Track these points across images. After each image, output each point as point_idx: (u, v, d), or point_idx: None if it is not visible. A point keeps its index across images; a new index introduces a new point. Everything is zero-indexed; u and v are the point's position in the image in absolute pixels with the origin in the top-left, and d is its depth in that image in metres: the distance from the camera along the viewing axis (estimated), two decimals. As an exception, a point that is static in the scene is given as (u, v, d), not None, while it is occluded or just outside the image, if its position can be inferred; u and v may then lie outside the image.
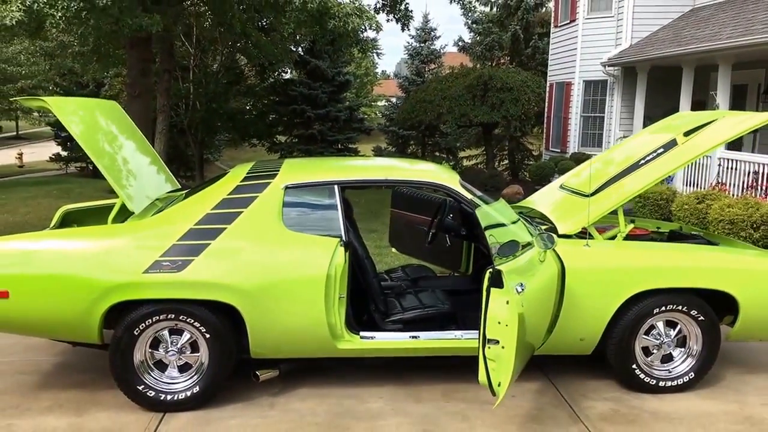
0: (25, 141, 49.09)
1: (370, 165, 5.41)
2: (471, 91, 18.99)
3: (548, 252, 4.31)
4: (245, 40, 15.88)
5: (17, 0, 7.28)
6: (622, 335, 4.52)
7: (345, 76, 26.29)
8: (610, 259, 4.52)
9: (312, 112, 25.49)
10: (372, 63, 65.78)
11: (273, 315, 4.25)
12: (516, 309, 3.39)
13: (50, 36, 16.32)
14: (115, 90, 26.54)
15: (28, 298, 4.14)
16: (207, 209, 4.34)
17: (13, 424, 4.15)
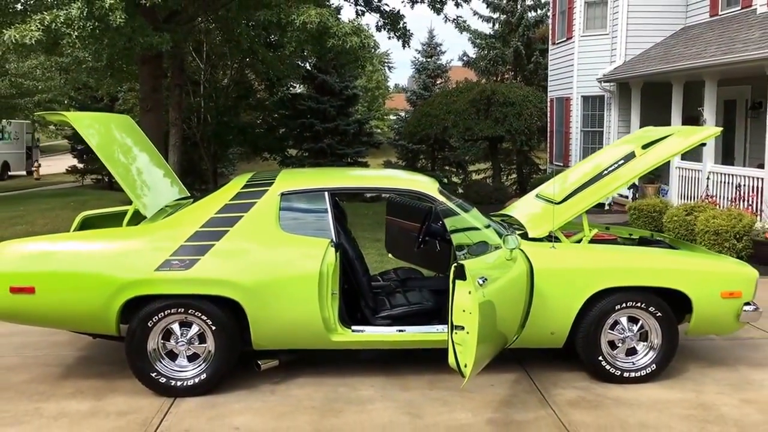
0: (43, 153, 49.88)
1: (358, 175, 5.91)
2: (475, 106, 19.50)
3: (518, 253, 4.79)
4: (252, 56, 16.47)
5: (36, 20, 7.87)
6: (589, 329, 4.98)
7: (352, 90, 26.84)
8: (574, 260, 5.00)
9: (321, 125, 26.03)
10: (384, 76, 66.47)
11: (272, 309, 4.75)
12: (477, 298, 3.87)
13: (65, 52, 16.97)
14: (128, 104, 27.22)
15: (51, 293, 4.66)
16: (211, 213, 4.86)
17: (41, 408, 4.65)
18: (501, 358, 5.37)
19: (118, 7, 7.82)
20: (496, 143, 21.49)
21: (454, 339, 3.98)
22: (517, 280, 4.66)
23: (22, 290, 4.64)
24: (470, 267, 3.96)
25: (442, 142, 27.32)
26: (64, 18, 7.88)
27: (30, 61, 21.53)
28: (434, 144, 27.78)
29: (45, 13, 8.04)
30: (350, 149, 26.80)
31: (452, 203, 5.05)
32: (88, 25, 7.89)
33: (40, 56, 21.15)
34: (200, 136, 27.68)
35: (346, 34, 9.23)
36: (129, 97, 26.92)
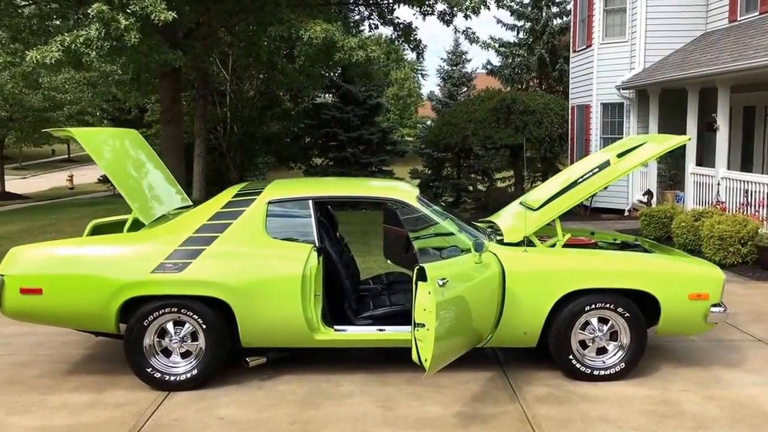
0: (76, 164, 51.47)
1: (342, 184, 6.25)
2: (495, 114, 19.72)
3: (489, 256, 5.08)
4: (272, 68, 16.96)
5: (57, 42, 8.41)
6: (560, 329, 5.23)
7: (376, 99, 27.25)
8: (545, 263, 5.26)
9: (344, 135, 26.47)
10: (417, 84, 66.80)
11: (258, 309, 5.10)
12: (436, 298, 4.16)
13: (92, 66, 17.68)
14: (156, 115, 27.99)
15: (57, 294, 5.08)
16: (203, 221, 5.24)
17: (45, 399, 5.06)
18: (480, 358, 5.67)
19: (133, 27, 8.31)
20: (517, 151, 21.65)
21: (416, 335, 4.28)
22: (487, 281, 4.93)
23: (30, 291, 5.07)
24: (431, 270, 4.25)
25: (468, 150, 27.58)
26: (84, 39, 8.40)
27: (62, 75, 22.33)
28: (460, 152, 28.04)
29: (66, 34, 8.57)
30: (374, 158, 27.17)
31: (428, 210, 5.36)
32: (105, 45, 8.39)
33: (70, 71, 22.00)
34: (226, 146, 28.35)
35: (352, 48, 9.60)
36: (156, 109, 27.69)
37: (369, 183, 6.15)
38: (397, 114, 63.52)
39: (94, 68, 18.26)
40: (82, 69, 14.38)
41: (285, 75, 16.91)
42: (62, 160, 57.39)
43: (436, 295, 4.16)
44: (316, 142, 28.58)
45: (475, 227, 5.82)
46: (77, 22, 8.75)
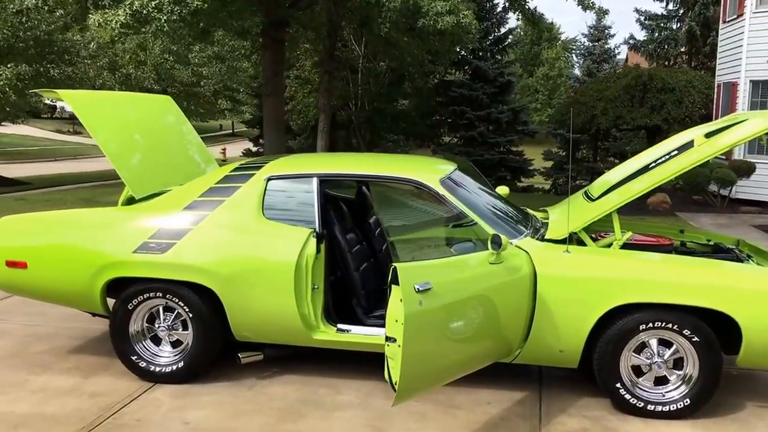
0: (238, 138, 53.97)
1: (353, 161, 5.43)
2: (629, 92, 18.04)
3: (520, 255, 4.15)
4: (386, 42, 16.29)
5: (126, 5, 8.22)
6: (605, 350, 4.20)
7: (508, 77, 25.96)
8: (590, 267, 4.21)
9: (472, 113, 25.46)
10: (569, 63, 63.89)
11: (247, 300, 4.48)
12: (409, 307, 3.32)
13: (218, 40, 17.86)
14: (291, 91, 28.25)
15: (41, 269, 4.73)
16: (194, 196, 4.67)
17: (29, 381, 4.74)
18: (519, 372, 4.75)
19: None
20: (654, 133, 19.71)
21: (386, 352, 3.47)
22: (508, 286, 4.01)
23: (15, 264, 4.75)
24: (406, 271, 3.41)
25: (606, 131, 25.68)
26: (155, 4, 8.17)
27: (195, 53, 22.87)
28: (597, 133, 26.20)
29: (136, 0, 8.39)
30: (503, 138, 25.97)
31: (452, 195, 4.46)
32: (176, 10, 8.12)
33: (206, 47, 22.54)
34: (356, 123, 28.21)
35: (438, 13, 8.70)
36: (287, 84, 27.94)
37: (390, 160, 5.32)
38: (545, 94, 61.17)
39: (220, 41, 18.50)
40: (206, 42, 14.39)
41: (398, 48, 16.17)
42: (227, 134, 60.60)
43: (409, 305, 3.32)
44: (444, 120, 27.79)
45: (522, 218, 4.87)
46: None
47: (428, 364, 3.54)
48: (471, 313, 3.77)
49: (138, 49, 17.43)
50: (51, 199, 15.48)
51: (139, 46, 15.38)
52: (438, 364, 3.63)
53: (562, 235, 4.37)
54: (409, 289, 3.36)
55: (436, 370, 3.63)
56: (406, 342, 3.30)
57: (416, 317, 3.36)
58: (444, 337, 3.60)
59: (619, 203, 4.38)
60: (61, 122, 51.36)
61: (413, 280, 3.42)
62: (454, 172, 4.88)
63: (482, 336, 3.90)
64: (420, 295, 3.41)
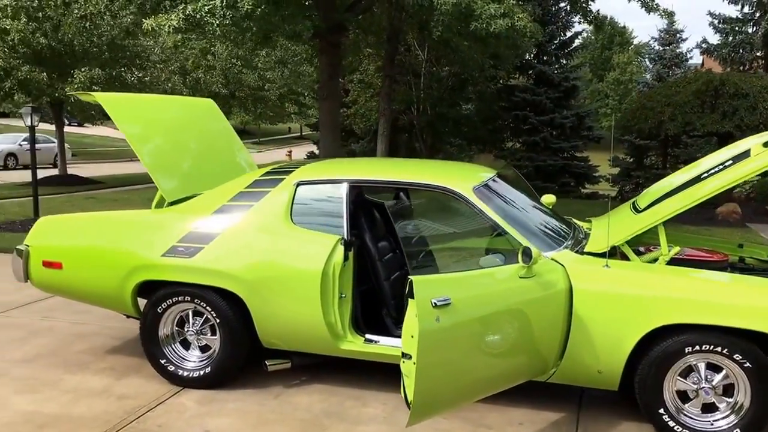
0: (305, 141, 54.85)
1: (385, 166, 5.25)
2: (699, 97, 17.29)
3: (556, 268, 3.93)
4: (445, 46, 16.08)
5: (180, 10, 8.32)
6: (647, 373, 3.92)
7: (573, 81, 25.36)
8: (632, 284, 3.95)
9: (535, 118, 24.99)
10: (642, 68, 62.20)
11: (273, 307, 4.39)
12: (425, 323, 3.14)
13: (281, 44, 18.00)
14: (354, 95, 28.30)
15: (75, 270, 4.77)
16: (224, 201, 4.61)
17: (63, 380, 4.77)
18: (559, 391, 4.50)
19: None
20: (726, 140, 18.84)
21: (402, 369, 3.30)
22: (537, 302, 3.78)
23: (52, 265, 4.79)
24: (422, 284, 3.24)
25: (675, 138, 24.79)
26: (209, 8, 8.25)
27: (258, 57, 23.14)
28: (666, 140, 25.32)
29: (188, 3, 8.48)
30: (566, 143, 25.39)
31: (486, 204, 4.26)
32: (228, 14, 8.17)
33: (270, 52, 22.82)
34: (418, 127, 28.06)
35: (491, 16, 8.46)
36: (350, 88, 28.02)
37: (424, 166, 5.14)
38: (616, 99, 59.75)
39: (280, 45, 18.63)
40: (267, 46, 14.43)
41: (458, 53, 15.93)
42: (296, 137, 61.67)
43: (424, 321, 3.15)
44: (507, 125, 27.37)
45: (564, 229, 4.63)
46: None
47: (445, 383, 3.36)
48: (496, 331, 3.57)
49: (201, 53, 17.74)
50: (119, 198, 15.93)
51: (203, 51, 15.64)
52: (457, 383, 3.44)
53: (602, 248, 4.12)
54: (425, 304, 3.19)
55: (454, 390, 3.45)
56: (420, 360, 3.14)
57: (432, 334, 3.19)
58: (464, 355, 3.41)
59: (665, 216, 4.10)
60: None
61: (430, 294, 3.24)
62: (491, 179, 4.68)
63: (509, 354, 3.70)
64: (437, 310, 3.24)
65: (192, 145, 5.40)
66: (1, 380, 4.72)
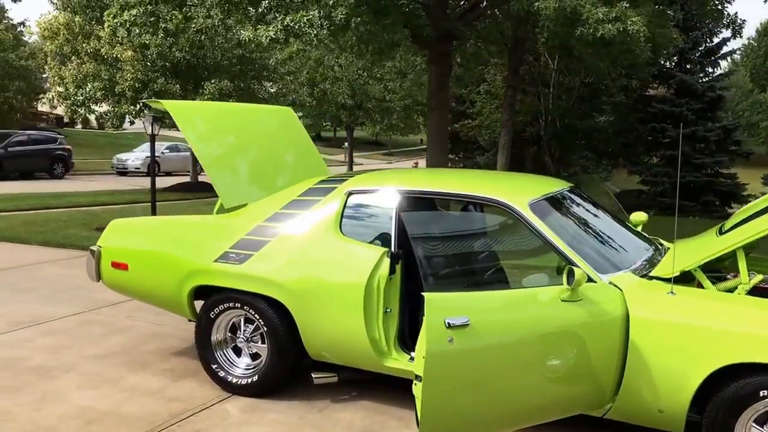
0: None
1: (440, 177, 4.95)
2: None
3: (612, 293, 3.55)
4: (568, 54, 15.45)
5: (279, 21, 8.47)
6: (714, 418, 3.44)
7: (719, 91, 23.69)
8: (698, 314, 3.47)
9: (674, 131, 23.55)
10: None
11: (318, 318, 4.28)
12: (434, 344, 2.89)
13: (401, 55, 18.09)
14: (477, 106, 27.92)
15: (139, 272, 4.90)
16: (276, 208, 4.56)
17: (124, 378, 4.90)
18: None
19: (342, 3, 7.98)
20: None
21: (414, 391, 3.07)
22: (582, 328, 3.41)
23: (119, 266, 4.95)
24: (435, 302, 2.99)
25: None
26: (307, 19, 8.35)
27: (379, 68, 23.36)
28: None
29: (287, 15, 8.62)
30: (709, 159, 23.72)
31: (543, 221, 3.92)
32: (325, 24, 8.24)
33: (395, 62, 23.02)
34: (546, 139, 27.32)
35: (599, 21, 7.94)
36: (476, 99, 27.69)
37: (482, 178, 4.82)
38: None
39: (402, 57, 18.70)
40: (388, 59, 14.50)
41: (582, 61, 15.25)
42: (425, 148, 62.28)
43: (434, 341, 2.90)
44: (642, 138, 25.98)
45: (640, 251, 4.20)
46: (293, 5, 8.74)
47: (457, 411, 3.08)
48: (526, 359, 3.24)
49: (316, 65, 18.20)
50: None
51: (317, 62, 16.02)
52: (473, 413, 3.15)
53: (669, 273, 3.67)
54: (437, 323, 2.95)
55: (469, 420, 3.16)
56: (426, 383, 2.89)
57: (442, 357, 2.94)
58: (483, 383, 3.12)
59: (744, 239, 3.59)
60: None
61: (445, 313, 2.99)
62: (557, 194, 4.33)
63: (542, 385, 3.35)
64: (452, 331, 2.98)
65: (258, 151, 5.41)
66: (69, 375, 4.91)
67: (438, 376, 2.96)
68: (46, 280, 7.58)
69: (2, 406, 4.34)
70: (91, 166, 30.08)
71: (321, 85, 25.46)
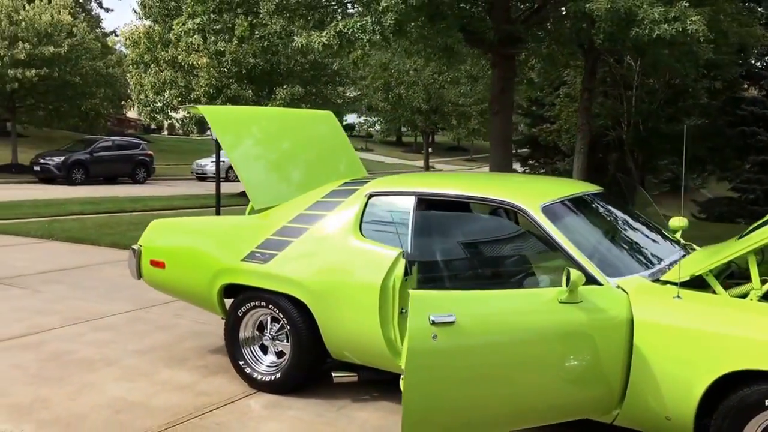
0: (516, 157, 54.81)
1: (456, 180, 4.91)
2: None
3: (616, 296, 3.49)
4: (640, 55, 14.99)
5: (333, 28, 8.64)
6: (720, 427, 3.32)
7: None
8: (704, 319, 3.36)
9: (765, 135, 22.43)
10: None
11: (336, 318, 4.37)
12: (416, 341, 2.92)
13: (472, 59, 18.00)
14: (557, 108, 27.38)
15: (175, 270, 5.13)
16: (301, 209, 4.70)
17: (158, 372, 5.13)
18: None
19: (392, 9, 8.06)
20: None
21: (401, 386, 3.10)
22: (580, 330, 3.36)
23: (157, 264, 5.20)
24: (420, 300, 3.02)
25: None
26: (359, 25, 8.49)
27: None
28: None
29: (340, 22, 8.79)
30: (803, 167, 22.43)
31: (555, 224, 3.87)
32: (377, 29, 8.36)
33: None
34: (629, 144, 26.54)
35: (654, 21, 7.68)
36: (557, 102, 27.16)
37: (499, 180, 4.76)
38: None
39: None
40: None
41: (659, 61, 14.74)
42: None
43: (416, 338, 2.94)
44: (731, 142, 24.85)
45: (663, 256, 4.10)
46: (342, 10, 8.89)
47: (441, 409, 3.09)
48: (519, 359, 3.22)
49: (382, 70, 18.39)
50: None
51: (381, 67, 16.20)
52: (458, 411, 3.15)
53: (676, 277, 3.57)
54: (421, 320, 2.98)
55: (454, 419, 3.16)
56: (408, 379, 2.93)
57: (424, 353, 2.96)
58: (468, 382, 3.12)
59: (755, 244, 3.45)
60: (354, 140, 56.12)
61: (430, 310, 3.02)
62: (574, 197, 4.28)
63: (535, 388, 3.31)
64: (436, 328, 3.00)
65: (293, 154, 5.56)
66: (110, 368, 5.19)
67: (420, 372, 2.99)
68: (106, 279, 8.00)
69: (43, 394, 4.64)
70: (173, 171, 31.35)
71: (396, 89, 25.63)
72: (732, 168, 24.94)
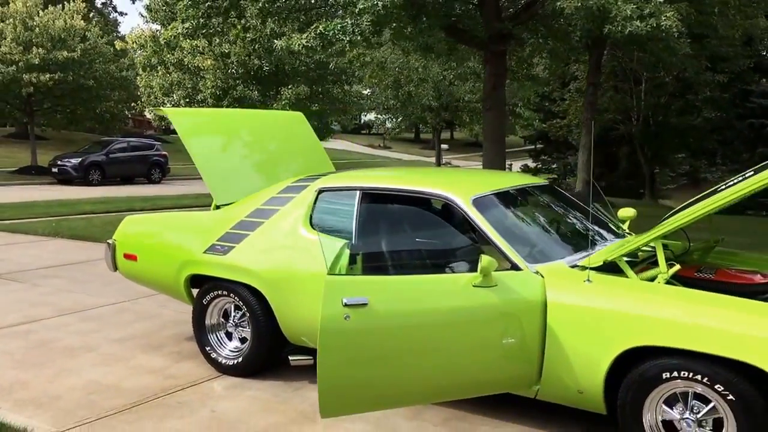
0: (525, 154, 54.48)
1: (395, 175, 5.19)
2: None
3: (533, 279, 3.77)
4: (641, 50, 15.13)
5: (314, 30, 8.93)
6: (625, 399, 3.59)
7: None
8: (608, 299, 3.62)
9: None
10: None
11: (289, 305, 4.69)
12: (328, 320, 3.22)
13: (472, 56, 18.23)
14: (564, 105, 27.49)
15: (146, 263, 5.48)
16: (258, 204, 5.02)
17: (135, 357, 5.49)
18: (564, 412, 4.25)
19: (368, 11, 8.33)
20: None
21: (317, 360, 3.41)
22: (492, 312, 3.63)
23: (129, 257, 5.56)
24: (337, 283, 3.32)
25: None
26: (340, 27, 8.79)
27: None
28: None
29: (321, 24, 9.09)
30: (812, 155, 22.36)
31: (484, 216, 4.14)
32: (356, 30, 8.65)
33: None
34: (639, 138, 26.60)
35: (626, 18, 7.86)
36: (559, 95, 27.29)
37: (436, 174, 5.03)
38: None
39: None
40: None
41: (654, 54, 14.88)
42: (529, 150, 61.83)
43: (329, 318, 3.24)
44: (740, 135, 24.84)
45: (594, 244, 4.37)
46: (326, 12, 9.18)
47: (353, 384, 3.38)
48: (431, 339, 3.50)
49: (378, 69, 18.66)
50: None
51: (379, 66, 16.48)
52: (370, 387, 3.44)
53: (595, 262, 3.83)
54: (334, 301, 3.28)
55: (366, 394, 3.45)
56: (320, 357, 3.23)
57: (336, 332, 3.26)
58: (380, 360, 3.40)
59: (662, 231, 3.71)
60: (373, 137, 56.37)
61: (343, 293, 3.32)
62: (509, 189, 4.55)
63: (450, 366, 3.59)
64: (348, 309, 3.30)
65: (257, 153, 5.90)
66: (90, 354, 5.56)
67: (332, 350, 3.28)
68: (101, 274, 8.39)
69: (24, 378, 5.02)
70: (188, 171, 31.87)
71: (406, 87, 25.87)
72: (741, 161, 24.90)
